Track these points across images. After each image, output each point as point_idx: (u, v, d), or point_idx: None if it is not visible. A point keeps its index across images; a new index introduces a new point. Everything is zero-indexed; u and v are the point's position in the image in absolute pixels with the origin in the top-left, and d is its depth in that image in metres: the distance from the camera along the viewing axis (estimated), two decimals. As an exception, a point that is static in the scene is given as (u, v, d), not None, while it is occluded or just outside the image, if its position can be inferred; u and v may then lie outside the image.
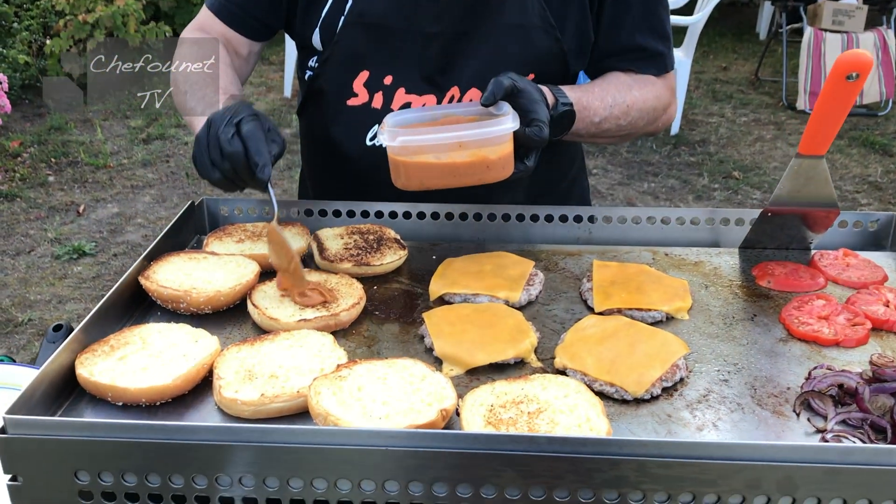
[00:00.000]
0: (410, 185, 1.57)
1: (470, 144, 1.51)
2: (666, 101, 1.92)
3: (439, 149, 1.51)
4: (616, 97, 1.80)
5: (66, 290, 4.84)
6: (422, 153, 1.52)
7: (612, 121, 1.80)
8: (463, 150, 1.51)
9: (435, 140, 1.51)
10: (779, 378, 1.35)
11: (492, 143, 1.51)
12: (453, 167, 1.52)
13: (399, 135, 1.51)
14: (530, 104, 1.58)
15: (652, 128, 1.92)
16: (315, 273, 1.61)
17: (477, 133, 1.50)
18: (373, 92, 1.83)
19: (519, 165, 1.59)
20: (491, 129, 1.50)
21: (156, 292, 1.50)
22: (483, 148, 1.51)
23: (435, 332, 1.42)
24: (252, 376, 1.28)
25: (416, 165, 1.53)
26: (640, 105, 1.84)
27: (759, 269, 1.69)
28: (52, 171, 6.50)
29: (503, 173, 1.56)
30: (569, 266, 1.74)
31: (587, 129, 1.78)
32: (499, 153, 1.53)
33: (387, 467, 1.09)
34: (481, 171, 1.54)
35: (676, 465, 1.06)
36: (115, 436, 1.10)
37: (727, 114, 8.18)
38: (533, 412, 1.20)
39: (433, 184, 1.56)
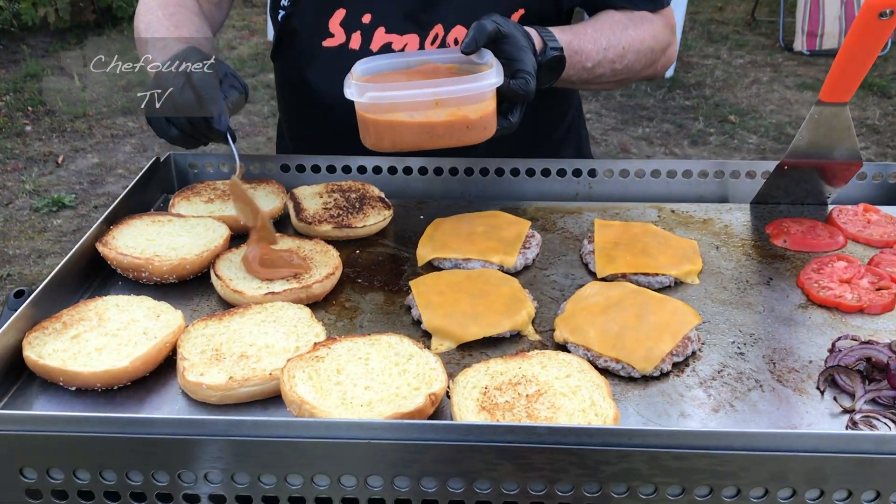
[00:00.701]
0: (381, 145, 1.40)
1: (448, 102, 1.33)
2: (665, 41, 1.76)
3: (414, 106, 1.34)
4: (611, 38, 1.64)
5: (46, 243, 4.69)
6: (394, 111, 1.35)
7: (606, 65, 1.64)
8: (440, 109, 1.34)
9: (409, 97, 1.33)
10: (799, 350, 1.23)
11: (473, 100, 1.34)
12: (429, 127, 1.35)
13: (368, 90, 1.34)
14: (516, 52, 1.41)
15: (650, 71, 1.76)
16: (288, 238, 1.47)
17: (456, 90, 1.33)
18: (350, 32, 1.68)
19: (502, 122, 1.43)
20: (472, 86, 1.33)
21: (115, 260, 1.36)
22: (463, 106, 1.34)
23: (423, 302, 1.29)
24: (220, 356, 1.15)
25: (387, 124, 1.36)
26: (636, 46, 1.67)
27: (774, 227, 1.56)
28: (30, 121, 6.29)
29: (485, 133, 1.40)
30: (568, 225, 1.60)
31: (579, 75, 1.62)
32: (480, 112, 1.36)
33: (370, 461, 0.98)
34: (460, 132, 1.37)
35: (692, 457, 0.95)
36: (62, 430, 0.98)
37: (723, 56, 7.98)
38: (532, 395, 1.08)
39: (406, 144, 1.39)
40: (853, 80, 1.41)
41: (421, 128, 1.35)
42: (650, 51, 1.71)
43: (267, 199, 1.58)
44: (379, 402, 1.05)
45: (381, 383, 1.09)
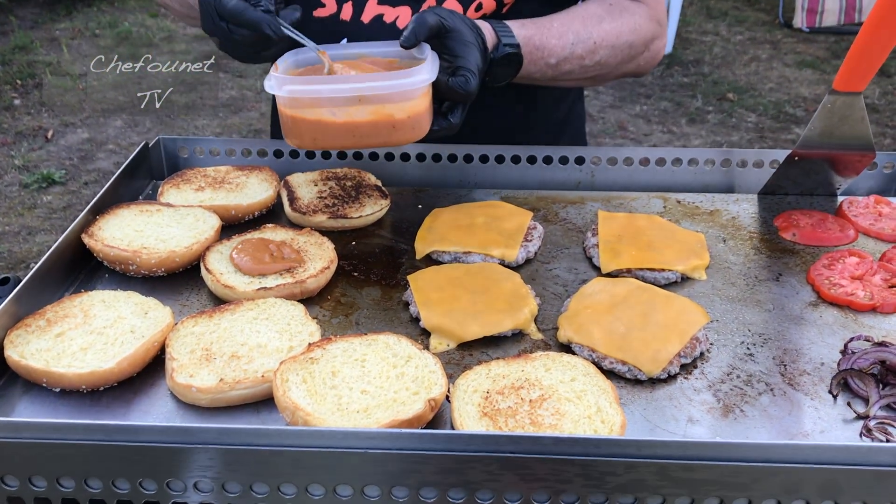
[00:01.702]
0: (303, 143, 1.32)
1: (372, 99, 1.25)
2: (647, 35, 1.63)
3: (335, 102, 1.25)
4: (580, 33, 1.54)
5: (36, 220, 4.63)
6: (315, 107, 1.26)
7: (574, 61, 1.54)
8: (363, 106, 1.25)
9: (329, 92, 1.24)
10: (810, 351, 1.19)
11: (399, 98, 1.25)
12: (352, 126, 1.27)
13: (287, 83, 1.25)
14: (460, 48, 1.33)
15: (630, 66, 1.65)
16: (281, 230, 1.42)
17: (380, 86, 1.24)
18: (341, 2, 1.61)
19: (441, 122, 1.35)
20: (398, 83, 1.24)
21: (101, 252, 1.31)
22: (388, 104, 1.26)
23: (422, 299, 1.24)
24: (210, 357, 1.10)
25: (307, 122, 1.28)
26: (611, 41, 1.57)
27: (783, 220, 1.51)
28: (18, 94, 6.19)
29: (413, 134, 1.31)
30: (570, 216, 1.55)
31: (542, 73, 1.53)
32: (408, 111, 1.27)
33: (366, 471, 0.94)
34: (386, 132, 1.28)
35: (702, 468, 0.91)
36: (45, 437, 0.94)
37: (722, 32, 7.89)
38: (535, 400, 1.04)
39: (329, 144, 1.32)
40: (869, 70, 1.36)
41: (343, 127, 1.28)
42: (628, 46, 1.60)
43: (259, 188, 1.53)
44: (376, 407, 1.01)
45: (378, 387, 1.05)
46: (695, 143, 5.68)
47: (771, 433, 1.05)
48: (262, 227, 1.42)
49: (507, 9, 1.60)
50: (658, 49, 1.69)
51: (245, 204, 1.46)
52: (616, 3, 1.61)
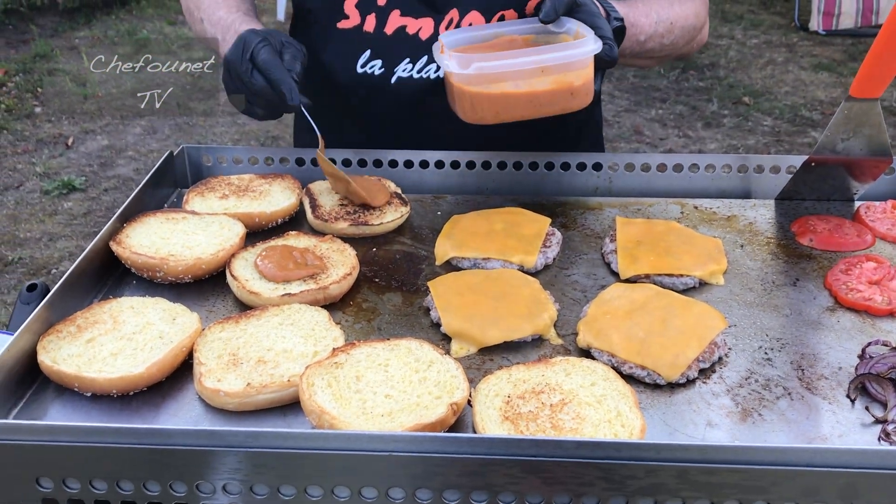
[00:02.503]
0: (485, 117, 1.40)
1: (553, 70, 1.34)
2: (703, 19, 1.76)
3: (519, 75, 1.34)
4: (660, 13, 1.64)
5: (57, 227, 4.69)
6: (499, 81, 1.35)
7: (656, 39, 1.65)
8: (545, 77, 1.35)
9: (515, 66, 1.33)
10: (828, 356, 1.20)
11: (577, 66, 1.35)
12: (534, 96, 1.36)
13: (473, 60, 1.33)
14: (593, 19, 1.41)
15: (688, 48, 1.77)
16: (304, 237, 1.45)
17: (562, 56, 1.33)
18: (365, 13, 1.64)
19: None
20: (576, 52, 1.33)
21: (129, 260, 1.34)
22: (567, 73, 1.35)
23: (442, 305, 1.26)
24: (237, 361, 1.13)
25: (491, 96, 1.36)
26: (682, 22, 1.68)
27: (800, 225, 1.52)
28: (39, 102, 6.27)
29: (586, 99, 1.40)
30: (588, 222, 1.57)
31: (632, 49, 1.62)
32: (583, 78, 1.37)
33: (391, 473, 0.96)
34: (565, 99, 1.38)
35: (722, 472, 0.93)
36: (79, 440, 0.96)
37: (737, 35, 7.88)
38: (556, 404, 1.06)
39: (510, 115, 1.39)
40: (886, 76, 1.37)
41: (526, 97, 1.36)
42: (693, 28, 1.71)
43: (282, 195, 1.56)
44: (399, 411, 1.03)
45: (401, 391, 1.07)
46: (710, 147, 5.67)
47: (789, 437, 1.06)
48: (286, 234, 1.45)
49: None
50: (706, 33, 1.81)
51: (269, 211, 1.49)
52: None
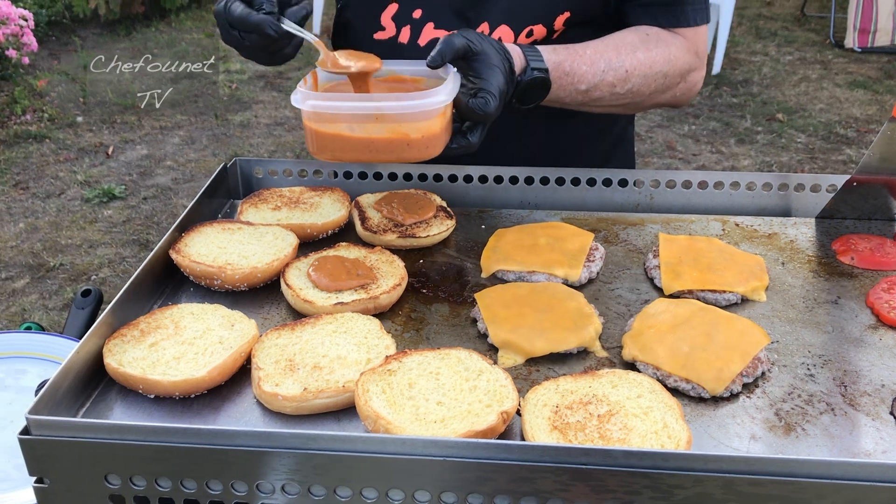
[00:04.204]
0: (322, 155, 1.39)
1: (388, 118, 1.32)
2: (682, 67, 1.66)
3: (354, 119, 1.33)
4: (612, 61, 1.58)
5: (97, 234, 4.79)
6: (335, 121, 1.34)
7: (604, 88, 1.59)
8: (380, 124, 1.33)
9: (349, 109, 1.32)
10: (870, 373, 1.22)
11: (414, 118, 1.32)
12: (369, 142, 1.34)
13: (310, 98, 1.33)
14: (485, 70, 1.39)
15: (666, 97, 1.69)
16: (354, 248, 1.49)
17: (396, 106, 1.31)
18: (400, 26, 1.69)
19: (460, 140, 1.42)
20: (414, 103, 1.31)
21: (188, 268, 1.39)
22: (403, 123, 1.33)
23: (489, 316, 1.30)
24: (293, 367, 1.17)
25: (327, 136, 1.36)
26: (643, 70, 1.60)
27: (841, 244, 1.54)
28: (81, 112, 6.41)
29: (426, 153, 1.37)
30: (630, 238, 1.60)
31: (572, 98, 1.58)
32: (422, 131, 1.34)
33: (444, 478, 0.99)
34: (400, 149, 1.35)
35: (768, 483, 0.95)
36: (146, 440, 1.01)
37: (771, 52, 7.86)
38: (603, 415, 1.09)
39: (346, 157, 1.38)
40: (929, 98, 1.38)
41: (360, 142, 1.35)
42: (661, 76, 1.64)
43: (332, 207, 1.61)
44: (452, 418, 1.07)
45: (452, 399, 1.10)
46: (744, 164, 5.67)
47: (833, 452, 1.09)
48: (337, 245, 1.50)
49: (557, 34, 1.66)
50: (695, 80, 1.72)
51: (320, 223, 1.54)
52: (653, 34, 1.65)
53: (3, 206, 5.06)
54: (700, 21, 1.69)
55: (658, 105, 1.72)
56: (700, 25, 1.69)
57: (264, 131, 6.15)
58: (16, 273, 4.40)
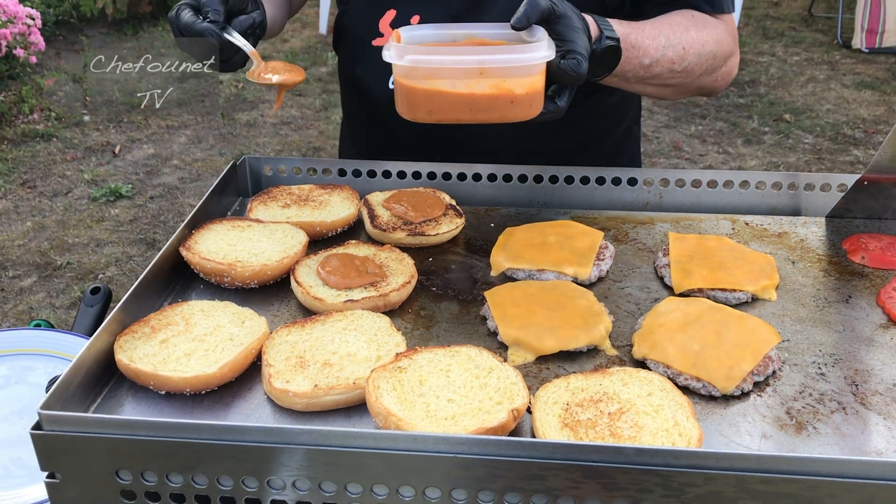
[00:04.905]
0: (417, 114, 1.33)
1: (493, 73, 1.26)
2: (727, 49, 1.68)
3: (456, 74, 1.26)
4: (671, 37, 1.58)
5: (104, 233, 4.80)
6: (434, 77, 1.27)
7: (664, 64, 1.59)
8: (484, 80, 1.26)
9: (451, 63, 1.26)
10: (882, 372, 1.22)
11: (520, 73, 1.26)
12: (471, 99, 1.28)
13: (408, 52, 1.27)
14: (569, 32, 1.35)
15: (709, 79, 1.70)
16: (364, 246, 1.49)
17: (503, 59, 1.26)
18: None
19: (549, 105, 1.37)
20: (520, 56, 1.25)
21: (198, 265, 1.39)
22: (509, 79, 1.27)
23: (499, 314, 1.30)
24: (304, 364, 1.17)
25: (425, 92, 1.28)
26: (697, 49, 1.61)
27: (851, 243, 1.54)
28: (88, 111, 6.42)
29: (529, 112, 1.32)
30: (640, 236, 1.60)
31: (635, 73, 1.57)
32: (527, 87, 1.28)
33: (455, 474, 0.99)
34: (503, 107, 1.29)
35: (780, 481, 0.95)
36: (157, 436, 1.01)
37: (778, 53, 7.85)
38: (614, 413, 1.08)
39: (444, 116, 1.32)
40: (940, 97, 1.38)
41: (462, 99, 1.29)
42: (712, 56, 1.65)
43: (341, 206, 1.61)
44: (462, 415, 1.07)
45: (463, 396, 1.10)
46: (750, 164, 5.66)
47: (844, 451, 1.08)
48: (346, 243, 1.50)
49: None
50: (734, 66, 1.74)
51: (329, 221, 1.54)
52: (698, 17, 1.66)
53: (10, 205, 5.07)
54: (732, 8, 1.73)
55: (700, 88, 1.72)
56: (732, 13, 1.73)
57: (270, 130, 6.16)
58: (23, 271, 4.41)
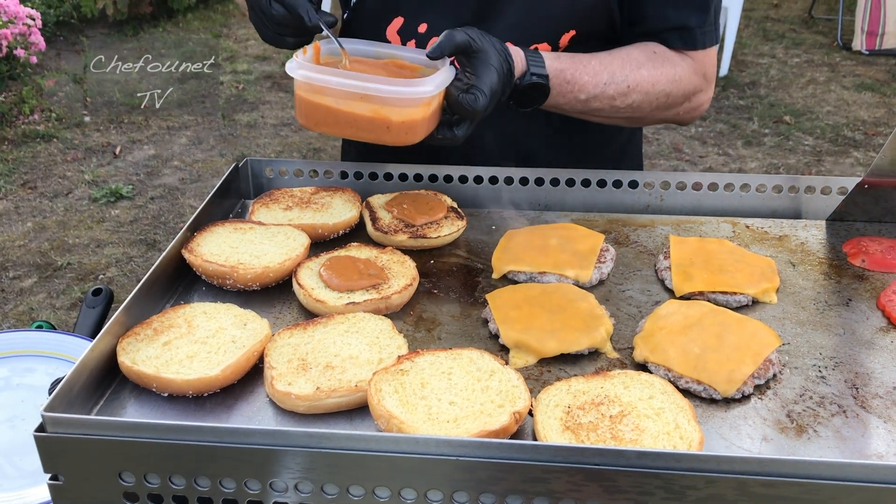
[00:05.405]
0: (307, 123, 1.46)
1: (373, 99, 1.37)
2: (688, 87, 1.66)
3: (340, 94, 1.38)
4: (615, 75, 1.58)
5: (105, 234, 4.80)
6: (322, 94, 1.40)
7: (604, 100, 1.59)
8: (365, 103, 1.38)
9: (337, 84, 1.38)
10: (882, 375, 1.22)
11: (398, 104, 1.37)
12: (351, 118, 1.40)
13: (302, 68, 1.39)
14: (480, 67, 1.41)
15: (668, 114, 1.69)
16: (365, 248, 1.50)
17: (380, 89, 1.36)
18: (405, 40, 1.70)
19: (445, 132, 1.45)
20: (396, 89, 1.36)
21: (200, 267, 1.40)
22: (386, 107, 1.38)
23: (500, 316, 1.30)
24: (306, 366, 1.18)
25: (313, 105, 1.42)
26: (645, 87, 1.61)
27: (852, 246, 1.54)
28: (88, 111, 6.43)
29: (405, 139, 1.42)
30: (641, 239, 1.60)
31: (571, 106, 1.60)
32: (403, 116, 1.39)
33: (457, 477, 0.99)
34: (380, 131, 1.41)
35: (781, 485, 0.95)
36: (160, 438, 1.01)
37: (778, 54, 7.86)
38: (615, 416, 1.09)
39: (328, 129, 1.45)
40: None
41: (345, 117, 1.41)
42: (664, 94, 1.64)
43: (343, 208, 1.61)
44: (464, 418, 1.07)
45: (464, 399, 1.11)
46: (751, 166, 5.66)
47: (845, 454, 1.09)
48: (348, 245, 1.50)
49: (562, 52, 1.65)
50: (701, 102, 1.72)
51: (331, 223, 1.55)
52: (660, 52, 1.65)
53: (11, 206, 5.07)
54: (709, 43, 1.68)
55: (660, 122, 1.73)
56: (709, 48, 1.68)
57: (271, 132, 6.16)
58: (23, 272, 4.41)
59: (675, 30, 1.64)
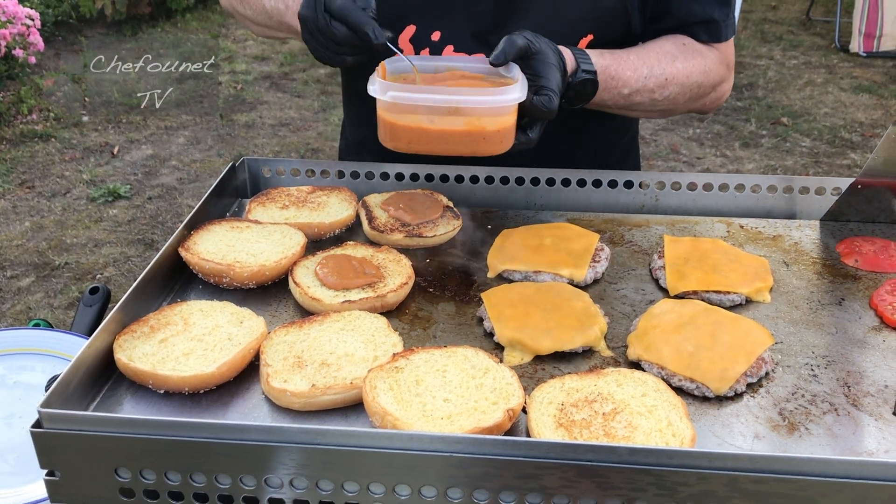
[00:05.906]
0: (398, 146, 1.42)
1: (467, 111, 1.36)
2: (716, 78, 1.72)
3: (433, 111, 1.36)
4: (654, 68, 1.62)
5: (102, 233, 4.81)
6: (413, 113, 1.37)
7: (644, 94, 1.63)
8: (458, 117, 1.36)
9: (429, 101, 1.35)
10: (874, 374, 1.23)
11: (492, 112, 1.36)
12: (446, 134, 1.38)
13: (391, 89, 1.35)
14: (543, 68, 1.42)
15: (696, 105, 1.74)
16: (361, 247, 1.50)
17: (476, 100, 1.35)
18: (419, 48, 1.69)
19: (520, 136, 1.45)
20: (493, 98, 1.34)
21: (197, 265, 1.40)
22: (481, 117, 1.36)
23: (495, 315, 1.31)
24: (301, 364, 1.19)
25: (404, 127, 1.39)
26: (681, 79, 1.65)
27: (845, 246, 1.55)
28: (87, 111, 6.43)
29: (499, 147, 1.41)
30: (636, 239, 1.61)
31: (615, 101, 1.62)
32: (498, 125, 1.38)
33: (451, 473, 1.00)
34: (476, 143, 1.39)
35: (772, 481, 0.96)
36: (156, 433, 1.02)
37: (776, 56, 7.87)
38: (608, 413, 1.10)
39: (422, 148, 1.41)
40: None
41: (437, 134, 1.38)
42: (697, 86, 1.68)
43: (339, 207, 1.62)
44: (458, 415, 1.08)
45: (459, 396, 1.11)
46: (748, 168, 5.68)
47: (836, 451, 1.09)
48: (344, 244, 1.51)
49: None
50: (724, 91, 1.77)
51: (327, 222, 1.55)
52: (689, 44, 1.69)
53: (8, 205, 5.08)
54: (731, 34, 1.74)
55: (689, 111, 1.77)
56: (730, 39, 1.74)
57: (269, 132, 6.17)
58: (21, 271, 4.42)
59: (700, 23, 1.69)
